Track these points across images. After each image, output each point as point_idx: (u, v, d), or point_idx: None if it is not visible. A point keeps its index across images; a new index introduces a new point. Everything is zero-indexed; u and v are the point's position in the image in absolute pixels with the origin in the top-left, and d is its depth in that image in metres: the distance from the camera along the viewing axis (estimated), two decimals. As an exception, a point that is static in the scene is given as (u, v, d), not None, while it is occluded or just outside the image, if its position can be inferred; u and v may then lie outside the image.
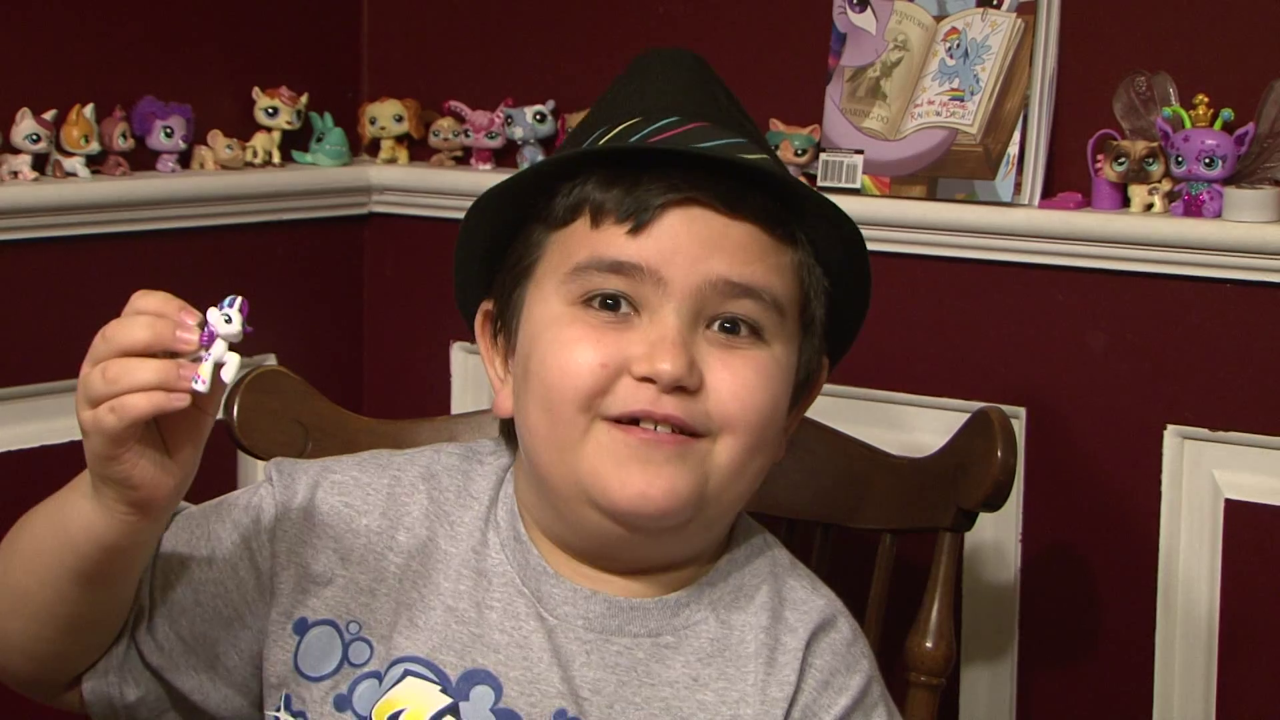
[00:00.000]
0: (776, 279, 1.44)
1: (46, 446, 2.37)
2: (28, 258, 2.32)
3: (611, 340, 1.41)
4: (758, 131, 1.53)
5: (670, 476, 1.41)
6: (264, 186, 2.52)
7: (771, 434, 1.46)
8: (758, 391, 1.43)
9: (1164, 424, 2.17)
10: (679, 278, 1.41)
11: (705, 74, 1.52)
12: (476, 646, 1.47)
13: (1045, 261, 2.21)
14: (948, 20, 2.29)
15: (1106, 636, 2.23)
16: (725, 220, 1.42)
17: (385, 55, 2.72)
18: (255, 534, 1.51)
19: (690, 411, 1.41)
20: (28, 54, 2.35)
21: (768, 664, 1.48)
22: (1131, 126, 2.16)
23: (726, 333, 1.43)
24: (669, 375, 1.39)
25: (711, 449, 1.43)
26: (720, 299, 1.42)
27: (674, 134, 1.44)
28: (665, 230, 1.41)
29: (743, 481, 1.46)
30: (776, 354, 1.45)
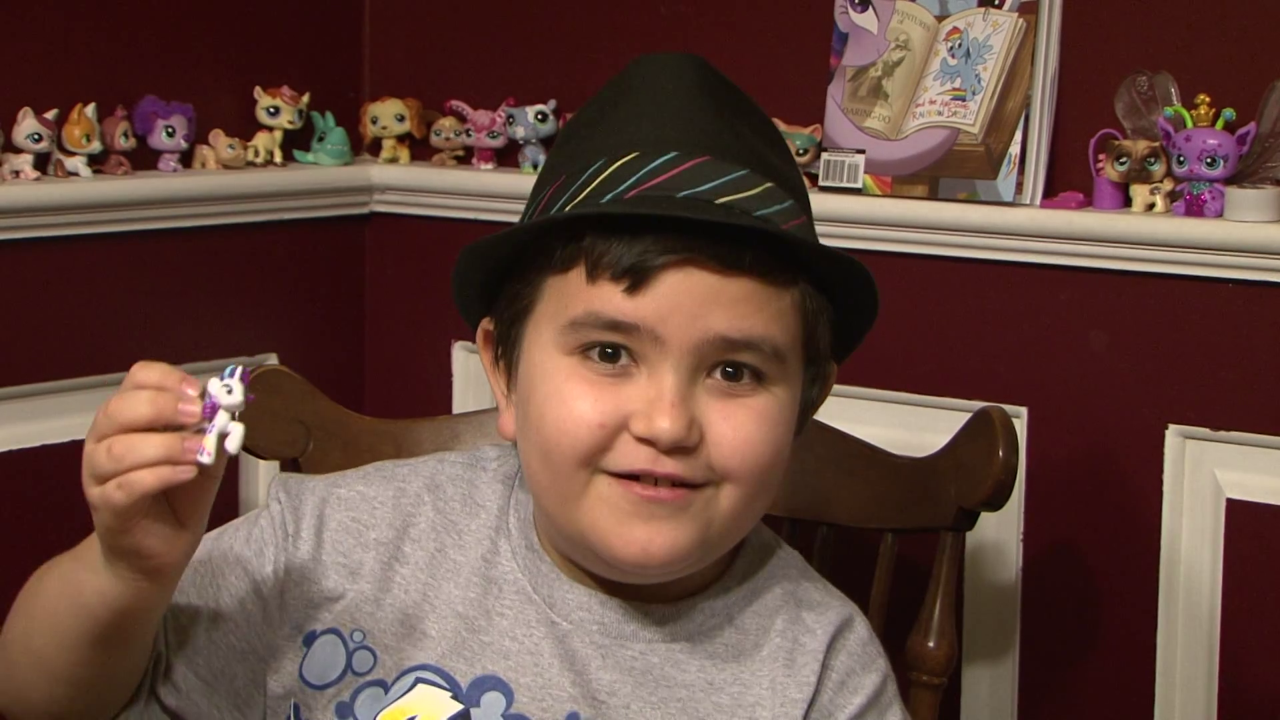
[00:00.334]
0: (776, 326, 1.43)
1: (48, 445, 2.37)
2: (30, 257, 2.32)
3: (610, 397, 1.41)
4: (763, 140, 1.50)
5: (672, 532, 1.41)
6: (265, 186, 2.52)
7: (774, 475, 1.46)
8: (759, 442, 1.42)
9: (1166, 423, 2.17)
10: (676, 336, 1.40)
11: (706, 85, 1.48)
12: (487, 653, 1.47)
13: (1047, 261, 2.21)
14: (949, 20, 2.29)
15: (1108, 636, 2.23)
16: (721, 278, 1.40)
17: (387, 55, 2.72)
18: (261, 564, 1.51)
19: (691, 467, 1.41)
20: (29, 53, 2.35)
21: (786, 666, 1.48)
22: (1133, 126, 2.16)
23: (728, 379, 1.42)
24: (668, 437, 1.39)
25: (715, 496, 1.42)
26: (719, 353, 1.41)
27: (673, 174, 1.42)
28: (662, 290, 1.40)
29: (745, 523, 1.47)
30: (779, 396, 1.44)
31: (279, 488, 1.55)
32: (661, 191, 1.41)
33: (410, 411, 2.42)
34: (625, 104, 1.48)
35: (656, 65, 1.49)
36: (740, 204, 1.41)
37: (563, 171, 1.47)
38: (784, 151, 1.53)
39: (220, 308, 2.53)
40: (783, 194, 1.45)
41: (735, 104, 1.49)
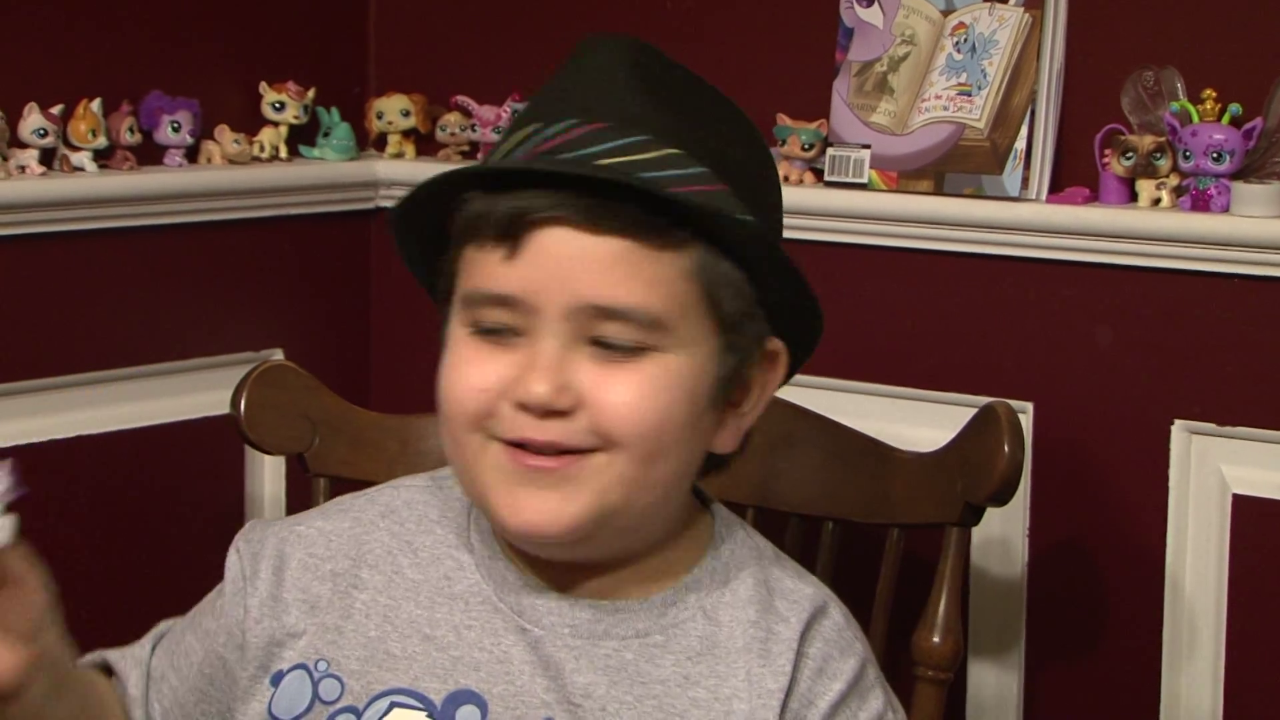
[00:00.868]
0: (653, 294, 1.39)
1: (54, 440, 2.37)
2: (36, 252, 2.32)
3: (493, 364, 1.41)
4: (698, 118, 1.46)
5: (558, 501, 1.40)
6: (271, 181, 2.52)
7: (668, 441, 1.42)
8: (640, 407, 1.39)
9: (1171, 419, 2.17)
10: (549, 304, 1.39)
11: (636, 63, 1.46)
12: (458, 669, 1.47)
13: (1053, 256, 2.21)
14: (955, 15, 2.29)
15: (1114, 631, 2.23)
16: (592, 238, 1.38)
17: (392, 50, 2.72)
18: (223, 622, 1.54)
19: (570, 432, 1.39)
20: (35, 49, 2.35)
21: (761, 656, 1.47)
22: (1139, 121, 2.16)
23: (607, 349, 1.40)
24: (537, 400, 1.38)
25: (606, 464, 1.40)
26: (592, 321, 1.39)
27: (563, 140, 1.41)
28: (534, 253, 1.39)
29: (648, 491, 1.43)
30: (669, 362, 1.41)
31: (240, 538, 1.57)
32: (547, 155, 1.41)
33: (416, 406, 2.42)
34: (554, 81, 1.48)
35: (592, 43, 1.48)
36: (623, 166, 1.39)
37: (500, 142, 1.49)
38: (737, 131, 1.49)
39: (226, 303, 2.53)
40: (689, 161, 1.41)
41: (669, 83, 1.46)
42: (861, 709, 1.48)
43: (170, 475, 2.49)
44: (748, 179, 1.46)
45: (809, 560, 1.95)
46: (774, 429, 1.94)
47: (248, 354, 2.53)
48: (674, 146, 1.41)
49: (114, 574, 2.43)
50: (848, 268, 2.34)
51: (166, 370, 2.48)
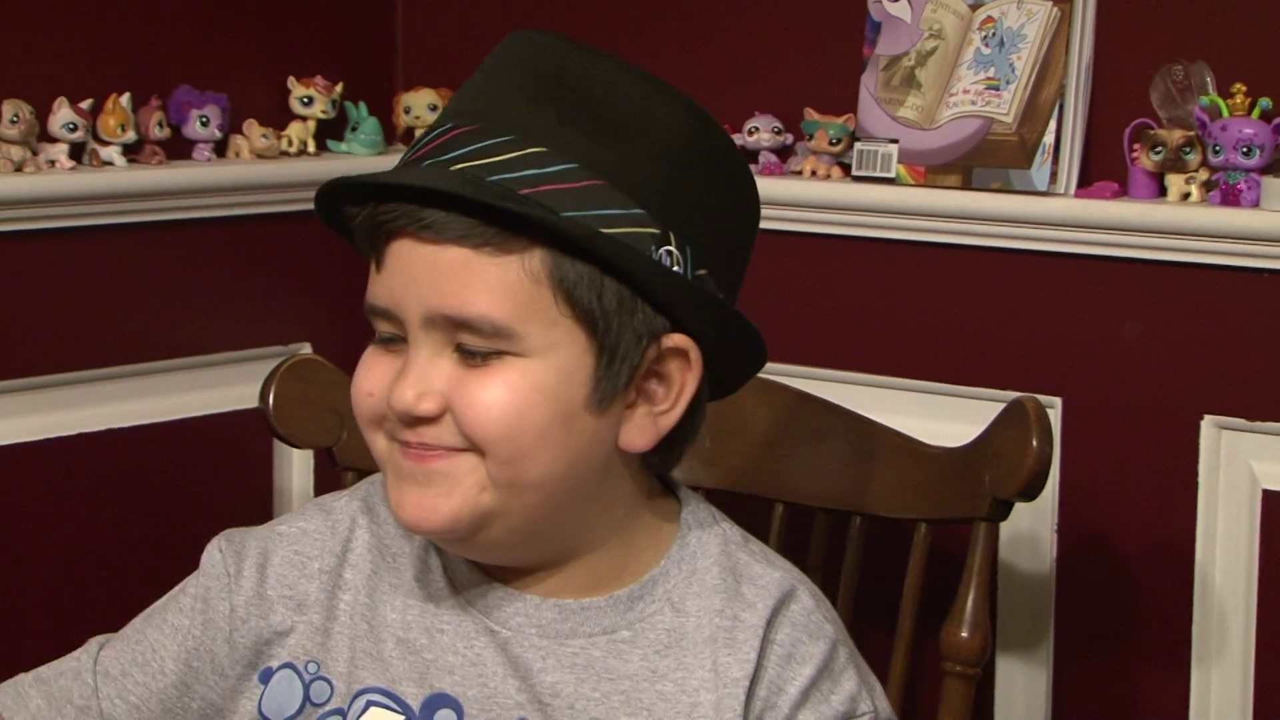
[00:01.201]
0: (493, 299, 1.38)
1: (84, 434, 2.38)
2: (65, 246, 2.33)
3: (380, 370, 1.44)
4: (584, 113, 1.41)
5: (433, 497, 1.41)
6: (299, 175, 2.53)
7: (532, 444, 1.40)
8: (493, 410, 1.39)
9: (1201, 414, 2.16)
10: (409, 314, 1.41)
11: (530, 59, 1.43)
12: (432, 672, 1.47)
13: (1081, 251, 2.20)
14: (983, 9, 2.28)
15: (1142, 627, 2.22)
16: (433, 247, 1.39)
17: (420, 45, 2.72)
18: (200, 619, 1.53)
19: (439, 436, 1.41)
20: (65, 44, 2.36)
21: (727, 645, 1.46)
22: (1168, 115, 2.16)
23: (468, 355, 1.40)
24: (400, 408, 1.40)
25: (474, 464, 1.41)
26: (449, 329, 1.40)
27: (433, 145, 1.41)
28: (392, 265, 1.42)
29: (529, 492, 1.42)
30: (527, 366, 1.39)
31: (220, 539, 1.57)
32: (417, 162, 1.42)
33: (444, 401, 2.42)
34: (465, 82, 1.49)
35: (503, 42, 1.47)
36: (476, 169, 1.38)
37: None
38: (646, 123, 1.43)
39: (254, 297, 2.53)
40: (555, 159, 1.39)
41: (566, 78, 1.42)
42: (834, 692, 1.47)
43: (199, 469, 2.50)
44: (642, 171, 1.41)
45: (836, 555, 1.95)
46: (802, 423, 1.94)
47: (276, 348, 2.53)
48: (538, 144, 1.39)
49: (142, 567, 2.43)
50: (875, 263, 2.34)
51: (195, 364, 2.48)
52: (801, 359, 2.36)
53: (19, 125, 2.26)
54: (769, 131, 2.40)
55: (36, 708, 1.53)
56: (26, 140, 2.28)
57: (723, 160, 1.47)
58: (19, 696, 1.54)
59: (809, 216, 2.35)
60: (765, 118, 2.41)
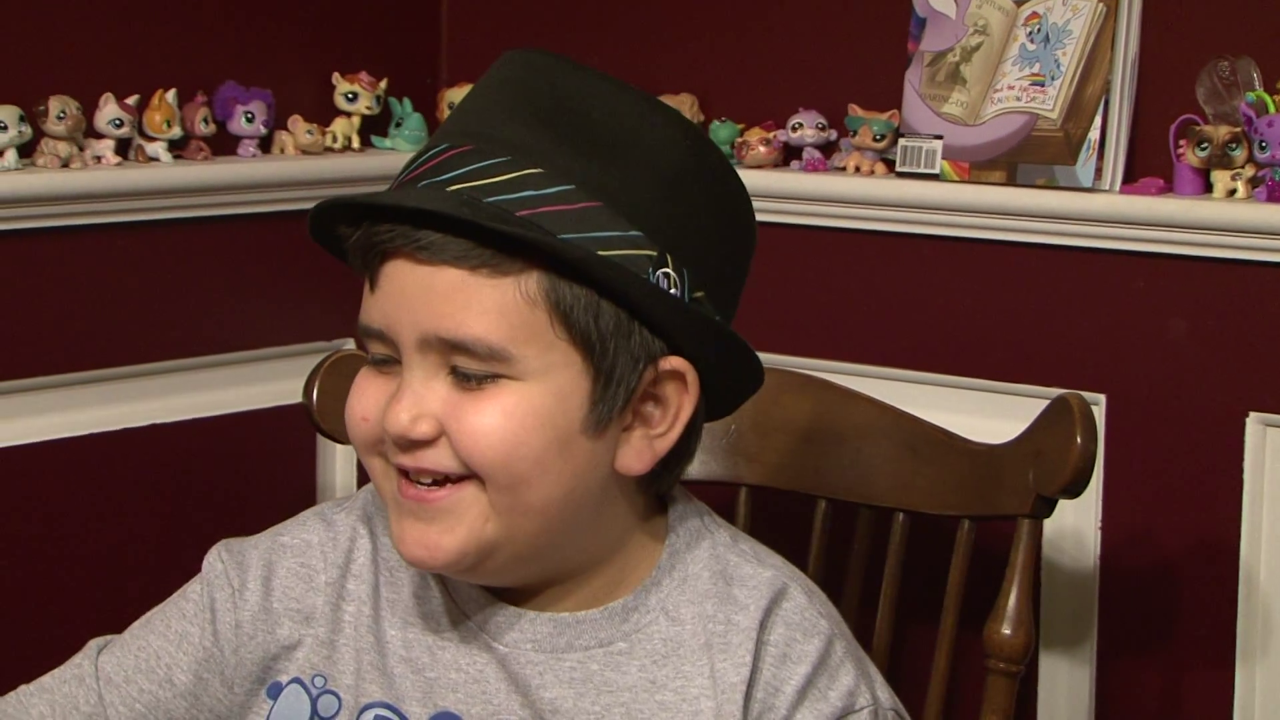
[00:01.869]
0: (490, 322, 1.37)
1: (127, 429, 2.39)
2: (110, 242, 2.34)
3: (373, 393, 1.42)
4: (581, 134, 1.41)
5: (436, 534, 1.40)
6: (344, 171, 2.53)
7: (529, 469, 1.39)
8: (489, 435, 1.38)
9: (1246, 411, 2.15)
10: (403, 336, 1.39)
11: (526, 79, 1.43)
12: (436, 690, 1.47)
13: (1126, 247, 2.20)
14: (1029, 5, 2.28)
15: (1187, 625, 2.22)
16: (428, 269, 1.37)
17: (464, 41, 2.72)
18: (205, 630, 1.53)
19: (437, 460, 1.39)
20: (111, 40, 2.37)
21: (722, 650, 1.45)
22: (1214, 111, 2.15)
23: (463, 378, 1.39)
24: (395, 432, 1.39)
25: (475, 494, 1.40)
26: (443, 352, 1.39)
27: (429, 165, 1.40)
28: (387, 286, 1.40)
29: (531, 517, 1.41)
30: (523, 390, 1.38)
31: (219, 550, 1.56)
32: (413, 182, 1.40)
33: (487, 396, 2.43)
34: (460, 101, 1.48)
35: (499, 62, 1.46)
36: (473, 191, 1.37)
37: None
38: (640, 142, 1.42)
39: (298, 292, 2.54)
40: (551, 180, 1.38)
41: (561, 98, 1.42)
42: (831, 688, 1.46)
43: (242, 464, 2.50)
44: (640, 192, 1.40)
45: (879, 551, 1.95)
46: (846, 420, 1.94)
47: (320, 343, 2.54)
48: (535, 166, 1.38)
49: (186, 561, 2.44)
50: (920, 259, 2.34)
51: (239, 359, 2.49)
52: (845, 355, 2.36)
53: (65, 121, 2.27)
54: (813, 128, 2.40)
55: (39, 715, 1.52)
56: (73, 136, 2.29)
57: (718, 181, 1.46)
58: (20, 705, 1.53)
59: (853, 213, 2.35)
60: (809, 114, 2.41)
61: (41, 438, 2.31)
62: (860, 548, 1.98)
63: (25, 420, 2.30)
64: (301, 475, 2.56)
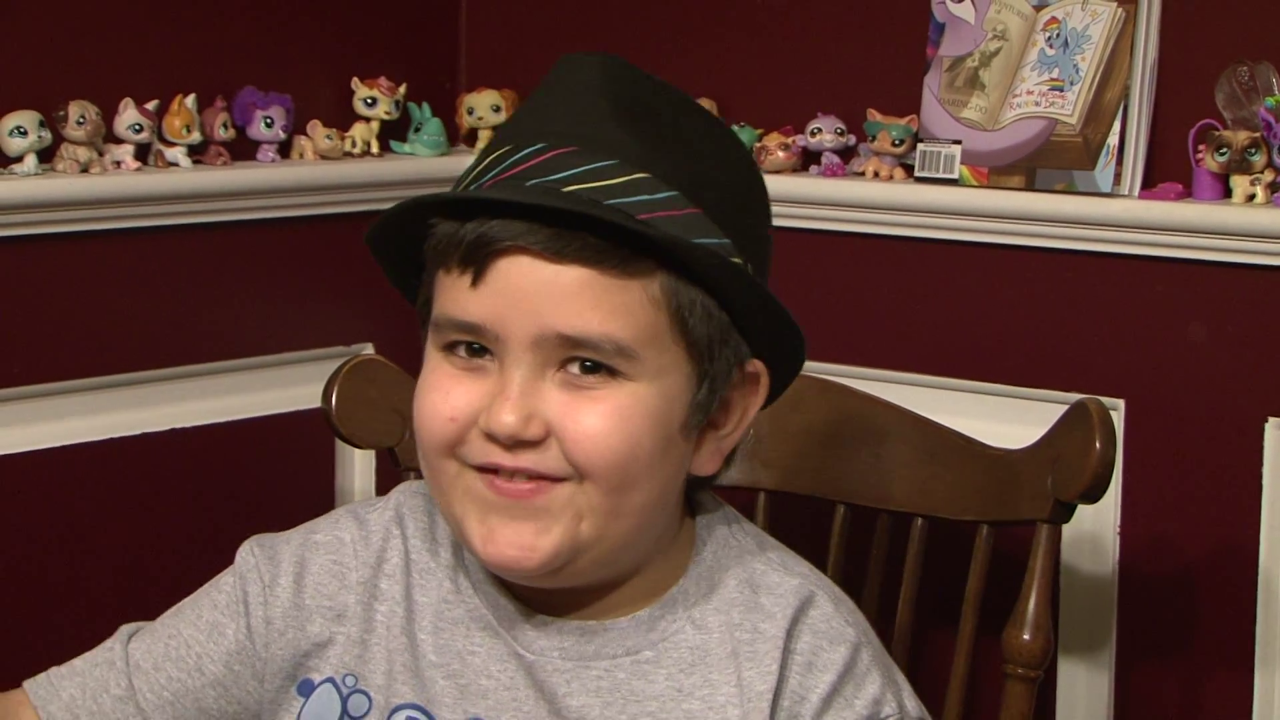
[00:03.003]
0: (618, 322, 1.37)
1: (146, 434, 2.39)
2: (130, 247, 2.34)
3: (463, 391, 1.40)
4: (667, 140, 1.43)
5: (531, 534, 1.39)
6: (362, 176, 2.54)
7: (638, 471, 1.40)
8: (607, 436, 1.38)
9: (1265, 416, 2.15)
10: (515, 333, 1.38)
11: (607, 82, 1.43)
12: (467, 697, 1.46)
13: (1145, 252, 2.19)
14: (1047, 10, 2.28)
15: (1206, 630, 2.21)
16: (554, 267, 1.37)
17: (483, 46, 2.73)
18: (238, 623, 1.52)
19: (540, 462, 1.38)
20: (130, 45, 2.37)
21: (749, 659, 1.45)
22: (1234, 116, 2.15)
23: (576, 374, 1.38)
24: (504, 431, 1.37)
25: (576, 492, 1.39)
26: (559, 350, 1.38)
27: (532, 164, 1.39)
28: (499, 282, 1.38)
29: (623, 520, 1.41)
30: (637, 391, 1.39)
31: (251, 544, 1.55)
32: (515, 180, 1.39)
33: (506, 401, 2.43)
34: (526, 103, 1.47)
35: (566, 64, 1.46)
36: (589, 192, 1.37)
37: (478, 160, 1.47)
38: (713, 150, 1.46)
39: (317, 297, 2.54)
40: (658, 185, 1.39)
41: (642, 101, 1.44)
42: (857, 696, 1.45)
43: (262, 469, 2.51)
44: (725, 200, 1.43)
45: (898, 556, 1.95)
46: (864, 425, 1.94)
47: (339, 348, 2.54)
48: (642, 170, 1.38)
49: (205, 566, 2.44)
50: (938, 264, 2.34)
51: (258, 364, 2.49)
52: (863, 360, 2.36)
53: (85, 126, 2.28)
54: (831, 133, 2.40)
55: (70, 697, 1.52)
56: (92, 141, 2.29)
57: (764, 189, 1.50)
58: (50, 687, 1.53)
59: (871, 218, 2.35)
60: (828, 119, 2.41)
61: (61, 442, 2.32)
62: (879, 553, 1.98)
63: (44, 425, 2.31)
64: (320, 480, 2.56)
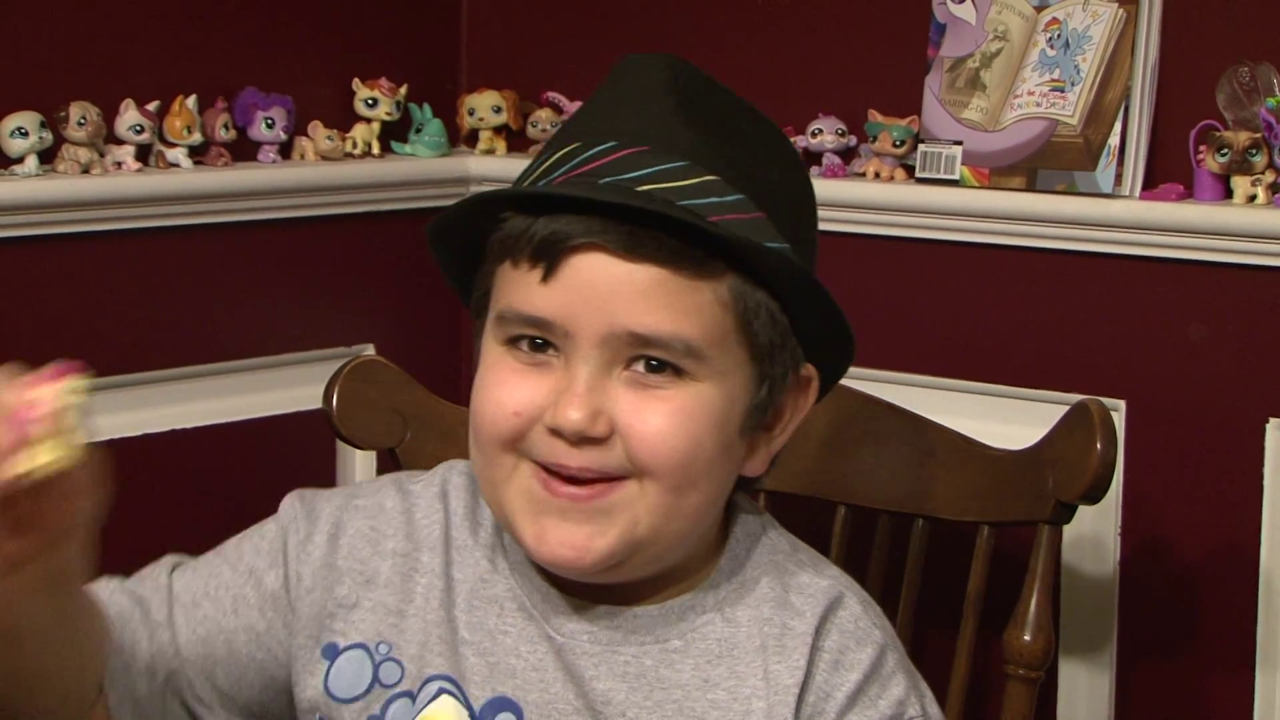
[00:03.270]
0: (688, 322, 1.38)
1: (146, 435, 2.39)
2: (130, 247, 2.34)
3: (528, 386, 1.40)
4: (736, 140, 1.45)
5: (586, 536, 1.40)
6: (363, 177, 2.54)
7: (698, 471, 1.41)
8: (673, 436, 1.39)
9: (1266, 417, 2.15)
10: (585, 330, 1.38)
11: (674, 83, 1.44)
12: (496, 674, 1.47)
13: (1146, 253, 2.19)
14: (1048, 10, 2.28)
15: (1207, 631, 2.21)
16: (629, 265, 1.37)
17: (484, 47, 2.73)
18: (275, 571, 1.52)
19: (603, 460, 1.39)
20: (131, 46, 2.37)
21: (777, 653, 1.46)
22: (1234, 117, 2.15)
23: (643, 372, 1.39)
24: (571, 427, 1.37)
25: (638, 490, 1.40)
26: (628, 348, 1.38)
27: (604, 162, 1.39)
28: (571, 278, 1.38)
29: (679, 520, 1.42)
30: (702, 391, 1.40)
31: (294, 497, 1.56)
32: (587, 178, 1.40)
33: (506, 402, 2.43)
34: (593, 101, 1.48)
35: (630, 64, 1.47)
36: (662, 193, 1.38)
37: (528, 168, 1.47)
38: (773, 153, 1.48)
39: (318, 298, 2.55)
40: (726, 188, 1.40)
41: (706, 102, 1.45)
42: (881, 696, 1.46)
43: (262, 469, 2.51)
44: (784, 204, 1.45)
45: (899, 557, 1.95)
46: (865, 426, 1.94)
47: (340, 349, 2.54)
48: (712, 173, 1.40)
49: (207, 567, 2.45)
50: (939, 264, 2.34)
51: (259, 365, 2.49)
52: (864, 361, 2.33)
53: (86, 127, 2.28)
54: (832, 133, 2.40)
55: (120, 608, 1.50)
56: (93, 142, 2.29)
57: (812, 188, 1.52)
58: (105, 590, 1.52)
59: (872, 219, 2.35)
60: (829, 119, 2.41)
61: (62, 443, 2.32)
62: (880, 554, 1.98)
63: (46, 425, 2.31)
64: (321, 481, 2.55)
